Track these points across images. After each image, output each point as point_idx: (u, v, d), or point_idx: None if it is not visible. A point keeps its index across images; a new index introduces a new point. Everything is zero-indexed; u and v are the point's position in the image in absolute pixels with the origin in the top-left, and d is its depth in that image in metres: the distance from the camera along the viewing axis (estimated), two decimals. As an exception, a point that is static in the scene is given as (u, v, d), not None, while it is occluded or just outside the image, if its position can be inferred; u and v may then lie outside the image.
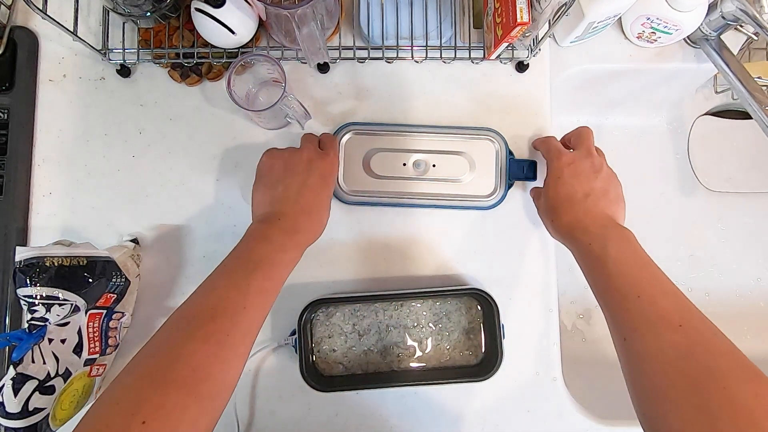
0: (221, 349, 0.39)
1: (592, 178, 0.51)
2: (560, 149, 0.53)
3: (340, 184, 0.56)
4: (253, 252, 0.45)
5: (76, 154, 0.58)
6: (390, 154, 0.57)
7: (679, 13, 0.55)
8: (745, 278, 0.77)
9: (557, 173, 0.51)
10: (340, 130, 0.57)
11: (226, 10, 0.50)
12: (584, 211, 0.49)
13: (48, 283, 0.45)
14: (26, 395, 0.44)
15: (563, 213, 0.50)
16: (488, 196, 0.57)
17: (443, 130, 0.57)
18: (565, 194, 0.50)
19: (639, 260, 0.45)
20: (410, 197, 0.57)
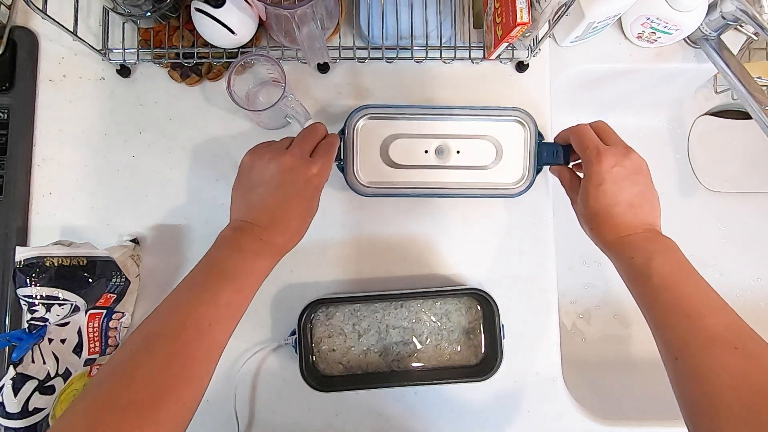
0: (183, 369, 0.37)
1: (634, 182, 0.47)
2: (599, 147, 0.48)
3: (356, 175, 0.53)
4: (223, 262, 0.43)
5: (76, 154, 0.58)
6: (410, 140, 0.53)
7: (679, 13, 0.55)
8: (745, 278, 0.77)
9: (598, 179, 0.47)
10: (354, 114, 0.53)
11: (226, 10, 0.50)
12: (626, 224, 0.46)
13: (48, 283, 0.45)
14: (26, 395, 0.44)
15: (604, 224, 0.47)
16: (516, 183, 0.54)
17: (468, 111, 0.53)
18: (606, 205, 0.46)
19: (685, 274, 0.43)
20: (432, 188, 0.53)
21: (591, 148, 0.48)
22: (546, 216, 0.59)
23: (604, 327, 0.76)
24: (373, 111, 0.53)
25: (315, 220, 0.58)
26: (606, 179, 0.46)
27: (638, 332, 0.76)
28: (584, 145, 0.49)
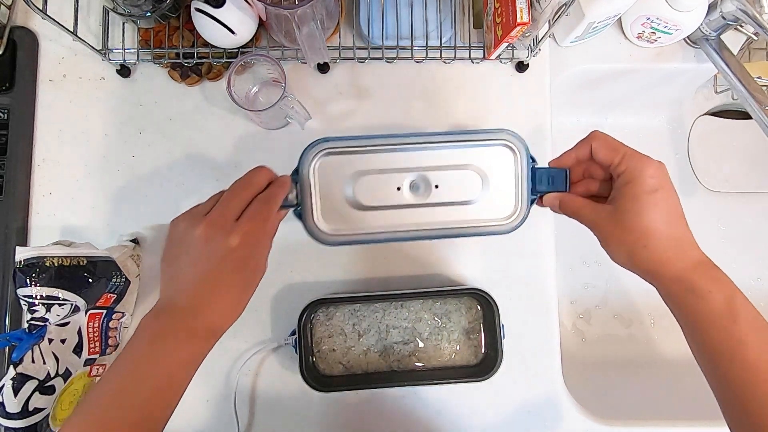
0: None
1: (674, 190, 0.40)
2: (635, 150, 0.40)
3: (317, 223, 0.45)
4: (143, 359, 0.37)
5: (76, 154, 0.58)
6: (379, 176, 0.45)
7: (679, 13, 0.55)
8: (745, 278, 0.77)
9: (652, 184, 0.38)
10: (309, 150, 0.45)
11: (226, 10, 0.50)
12: (691, 244, 0.39)
13: (48, 283, 0.45)
14: (26, 395, 0.44)
15: (668, 244, 0.38)
16: (507, 218, 0.46)
17: (446, 137, 0.46)
18: (667, 218, 0.38)
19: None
20: (409, 230, 0.46)
21: (629, 151, 0.40)
22: (546, 215, 0.59)
23: (604, 327, 0.76)
24: (332, 145, 0.45)
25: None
26: (663, 185, 0.38)
27: (638, 332, 0.76)
28: (617, 149, 0.40)
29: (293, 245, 0.57)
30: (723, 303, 0.36)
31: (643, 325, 0.76)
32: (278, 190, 0.43)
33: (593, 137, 0.43)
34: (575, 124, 0.78)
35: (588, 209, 0.42)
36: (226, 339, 0.56)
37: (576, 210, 0.43)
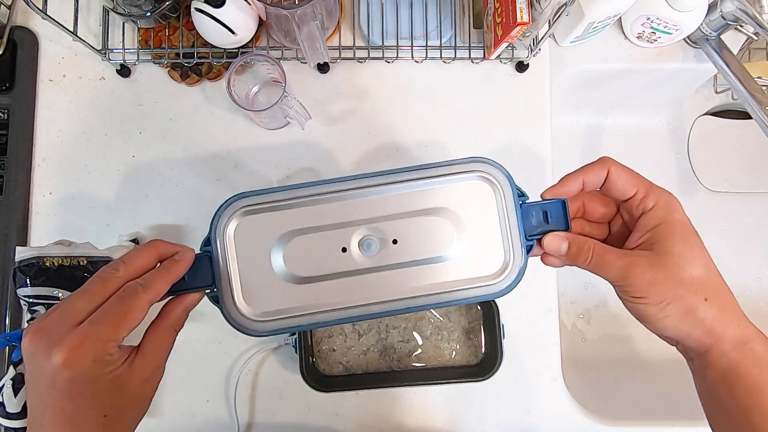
0: None
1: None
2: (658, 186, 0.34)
3: (238, 307, 0.35)
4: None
5: (76, 154, 0.58)
6: (317, 235, 0.35)
7: (679, 13, 0.55)
8: (745, 278, 0.77)
9: (690, 226, 0.33)
10: (223, 213, 0.36)
11: (226, 10, 0.50)
12: (734, 304, 0.32)
13: (48, 283, 0.45)
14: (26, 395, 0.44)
15: (721, 292, 0.32)
16: (497, 275, 0.36)
17: (401, 176, 0.36)
18: (714, 270, 0.32)
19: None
20: (364, 305, 0.35)
21: (653, 184, 0.34)
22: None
23: (604, 327, 0.76)
24: (251, 201, 0.35)
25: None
26: (693, 231, 0.32)
27: (638, 332, 0.76)
28: (639, 179, 0.34)
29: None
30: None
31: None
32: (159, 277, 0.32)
33: (609, 162, 0.35)
34: (575, 124, 0.78)
35: (614, 255, 0.33)
36: (226, 339, 0.57)
37: (597, 263, 0.33)
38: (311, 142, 0.58)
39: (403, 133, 0.59)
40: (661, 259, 0.32)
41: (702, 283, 0.31)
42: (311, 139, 0.58)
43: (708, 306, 0.31)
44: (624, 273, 0.32)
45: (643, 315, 0.33)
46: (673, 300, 0.31)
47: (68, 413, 0.29)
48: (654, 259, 0.32)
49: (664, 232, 0.32)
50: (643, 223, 0.33)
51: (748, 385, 0.31)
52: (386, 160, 0.58)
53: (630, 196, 0.34)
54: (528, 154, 0.59)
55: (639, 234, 0.33)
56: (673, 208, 0.33)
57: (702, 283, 0.31)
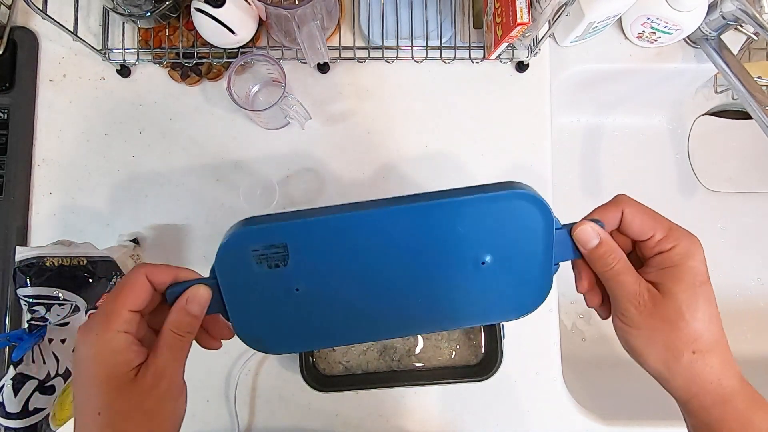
0: None
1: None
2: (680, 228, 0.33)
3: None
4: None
5: (76, 154, 0.58)
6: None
7: (679, 13, 0.55)
8: (745, 278, 0.77)
9: (703, 275, 0.32)
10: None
11: (226, 10, 0.50)
12: (731, 357, 0.32)
13: (48, 283, 0.45)
14: (26, 395, 0.44)
15: (714, 350, 0.31)
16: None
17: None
18: (716, 317, 0.32)
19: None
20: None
21: (675, 225, 0.32)
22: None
23: (604, 327, 0.76)
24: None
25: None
26: (707, 280, 0.32)
27: (638, 332, 0.76)
28: (658, 220, 0.33)
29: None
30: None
31: (643, 325, 0.76)
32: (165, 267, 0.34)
33: (624, 202, 0.34)
34: (575, 124, 0.78)
35: (632, 279, 0.32)
36: (226, 339, 0.57)
37: (616, 272, 0.33)
38: (311, 142, 0.58)
39: (403, 132, 0.59)
40: (663, 300, 0.31)
41: (696, 335, 0.31)
42: (311, 139, 0.58)
43: (694, 359, 0.31)
44: (627, 300, 0.32)
45: (629, 343, 0.33)
46: (661, 342, 0.31)
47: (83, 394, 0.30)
48: (658, 297, 0.32)
49: (674, 275, 0.32)
50: (657, 261, 0.32)
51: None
52: (387, 161, 0.58)
53: (647, 237, 0.33)
54: (528, 154, 0.59)
55: (650, 269, 0.33)
56: (691, 255, 0.32)
57: (696, 335, 0.31)
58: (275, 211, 0.57)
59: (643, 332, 0.32)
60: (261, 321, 0.35)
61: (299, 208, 0.33)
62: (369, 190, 0.58)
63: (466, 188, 0.33)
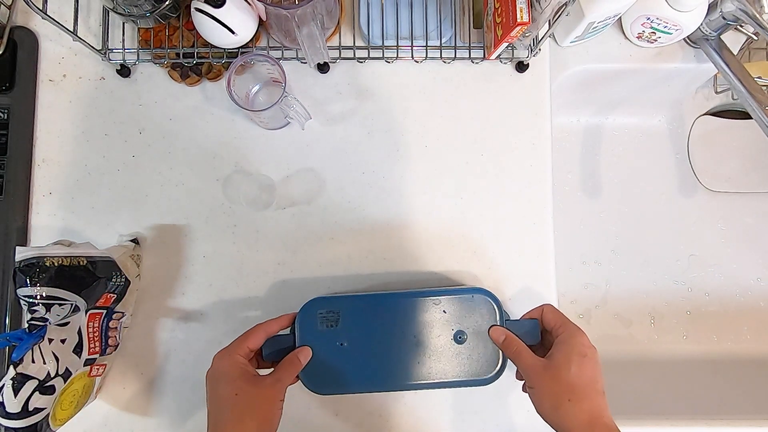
0: None
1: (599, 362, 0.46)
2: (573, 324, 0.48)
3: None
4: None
5: (76, 154, 0.58)
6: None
7: (679, 13, 0.55)
8: (745, 278, 0.77)
9: (583, 350, 0.45)
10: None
11: (226, 10, 0.50)
12: (600, 407, 0.43)
13: (48, 283, 0.45)
14: (26, 395, 0.44)
15: (582, 399, 0.43)
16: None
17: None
18: (588, 379, 0.44)
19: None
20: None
21: (569, 321, 0.48)
22: (546, 216, 0.59)
23: (604, 327, 0.76)
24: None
25: (313, 214, 0.58)
26: (591, 355, 0.45)
27: (638, 332, 0.76)
28: (562, 319, 0.48)
29: (294, 243, 0.57)
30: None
31: (643, 325, 0.76)
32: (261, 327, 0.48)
33: (546, 308, 0.50)
34: (575, 124, 0.78)
35: (528, 355, 0.47)
36: (226, 339, 0.56)
37: (517, 352, 0.48)
38: (311, 142, 0.58)
39: (403, 133, 0.59)
40: (550, 366, 0.45)
41: (571, 387, 0.43)
42: (311, 139, 0.58)
43: (570, 405, 0.43)
44: (528, 369, 0.46)
45: (532, 399, 0.46)
46: (549, 394, 0.44)
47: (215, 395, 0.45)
48: (547, 365, 0.45)
49: (559, 349, 0.46)
50: (555, 342, 0.47)
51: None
52: (386, 161, 0.58)
53: (552, 327, 0.48)
54: (528, 154, 0.59)
55: (551, 350, 0.47)
56: (573, 335, 0.46)
57: (571, 387, 0.43)
58: (275, 211, 0.58)
59: (537, 390, 0.45)
60: (316, 367, 0.49)
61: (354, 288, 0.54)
62: (369, 190, 0.58)
63: (454, 288, 0.53)
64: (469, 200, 0.59)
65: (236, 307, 0.57)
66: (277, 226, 0.58)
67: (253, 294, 0.57)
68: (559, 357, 0.45)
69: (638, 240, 0.77)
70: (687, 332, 0.76)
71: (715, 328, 0.76)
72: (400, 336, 0.49)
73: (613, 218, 0.78)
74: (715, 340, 0.75)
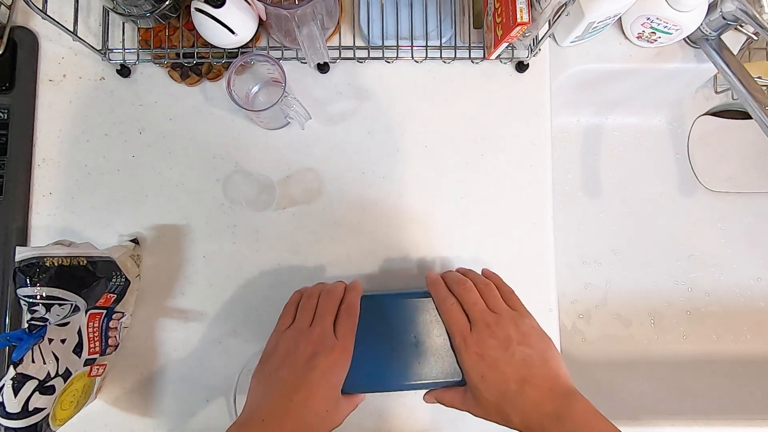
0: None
1: (509, 356, 0.43)
2: (464, 332, 0.45)
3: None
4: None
5: (76, 154, 0.58)
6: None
7: (679, 13, 0.55)
8: (745, 278, 0.77)
9: (471, 364, 0.44)
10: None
11: (226, 10, 0.50)
12: (531, 403, 0.41)
13: (48, 283, 0.45)
14: (26, 395, 0.44)
15: (510, 411, 0.42)
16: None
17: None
18: (497, 392, 0.42)
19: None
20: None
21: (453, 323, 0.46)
22: (546, 216, 0.59)
23: (604, 327, 0.76)
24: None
25: (313, 214, 0.58)
26: (478, 364, 0.43)
27: (638, 332, 0.76)
28: (447, 316, 0.47)
29: (294, 243, 0.57)
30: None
31: (643, 325, 0.76)
32: (356, 298, 0.48)
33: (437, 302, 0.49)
34: (575, 124, 0.78)
35: (448, 396, 0.48)
36: (226, 339, 0.57)
37: (445, 401, 0.48)
38: (311, 142, 0.58)
39: (403, 133, 0.59)
40: (466, 390, 0.46)
41: (498, 393, 0.43)
42: (311, 139, 0.58)
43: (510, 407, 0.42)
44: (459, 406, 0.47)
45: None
46: (491, 414, 0.44)
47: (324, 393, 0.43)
48: (462, 392, 0.47)
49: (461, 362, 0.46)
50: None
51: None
52: (386, 161, 0.58)
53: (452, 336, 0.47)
54: (528, 154, 0.59)
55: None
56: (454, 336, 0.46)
57: (498, 393, 0.43)
58: (275, 211, 0.57)
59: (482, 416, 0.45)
60: None
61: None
62: (369, 190, 0.58)
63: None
64: (469, 200, 0.59)
65: (236, 307, 0.57)
66: (277, 226, 0.58)
67: (253, 294, 0.57)
68: (469, 375, 0.44)
69: (638, 240, 0.77)
70: (687, 332, 0.76)
71: (715, 328, 0.76)
72: (399, 336, 0.49)
73: (613, 218, 0.78)
74: (715, 340, 0.75)
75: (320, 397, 0.42)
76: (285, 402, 0.41)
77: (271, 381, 0.44)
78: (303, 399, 0.41)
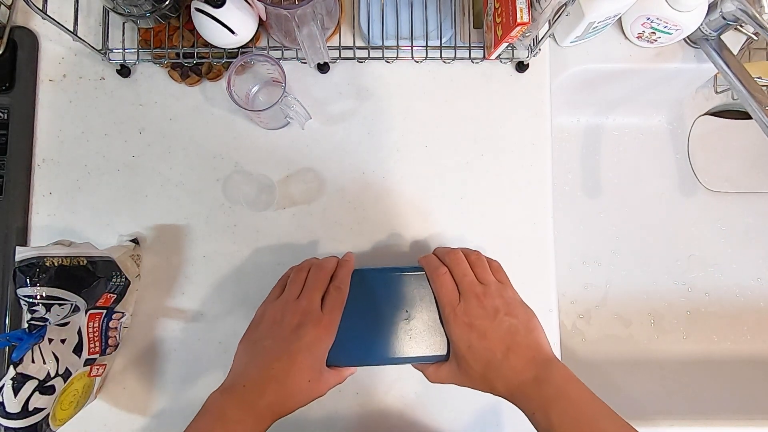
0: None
1: (497, 326, 0.44)
2: (454, 305, 0.46)
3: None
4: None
5: (76, 154, 0.58)
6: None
7: (679, 13, 0.55)
8: (745, 278, 0.77)
9: (460, 334, 0.45)
10: None
11: (226, 10, 0.50)
12: (514, 371, 0.43)
13: (48, 283, 0.45)
14: (26, 395, 0.44)
15: (495, 378, 0.43)
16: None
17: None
18: (483, 360, 0.44)
19: (587, 414, 0.41)
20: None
21: (446, 304, 0.46)
22: (546, 216, 0.59)
23: (604, 327, 0.76)
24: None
25: (313, 214, 0.58)
26: (467, 334, 0.44)
27: (638, 332, 0.76)
28: (439, 296, 0.47)
29: (294, 243, 0.57)
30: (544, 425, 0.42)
31: (643, 325, 0.76)
32: (347, 275, 0.48)
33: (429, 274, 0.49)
34: (575, 124, 0.78)
35: (434, 372, 0.48)
36: (226, 339, 0.57)
37: (429, 375, 0.49)
38: (311, 142, 0.58)
39: (403, 133, 0.59)
40: (452, 361, 0.47)
41: (484, 363, 0.44)
42: (311, 139, 0.58)
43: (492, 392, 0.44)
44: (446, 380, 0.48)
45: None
46: (479, 384, 0.45)
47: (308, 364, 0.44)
48: (450, 364, 0.47)
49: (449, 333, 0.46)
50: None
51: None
52: (387, 161, 0.58)
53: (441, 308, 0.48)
54: (528, 154, 0.59)
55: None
56: (444, 306, 0.47)
57: (484, 363, 0.44)
58: (275, 211, 0.57)
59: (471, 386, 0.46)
60: None
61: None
62: (368, 190, 0.58)
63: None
64: (469, 200, 0.59)
65: (236, 307, 0.57)
66: (277, 226, 0.58)
67: (253, 294, 0.57)
68: (456, 344, 0.45)
69: (638, 240, 0.78)
70: (687, 332, 0.76)
71: (715, 328, 0.76)
72: (388, 311, 0.49)
73: (613, 218, 0.78)
74: (715, 340, 0.75)
75: (302, 367, 0.43)
76: (266, 370, 0.42)
77: (255, 349, 0.45)
78: (284, 368, 0.42)
